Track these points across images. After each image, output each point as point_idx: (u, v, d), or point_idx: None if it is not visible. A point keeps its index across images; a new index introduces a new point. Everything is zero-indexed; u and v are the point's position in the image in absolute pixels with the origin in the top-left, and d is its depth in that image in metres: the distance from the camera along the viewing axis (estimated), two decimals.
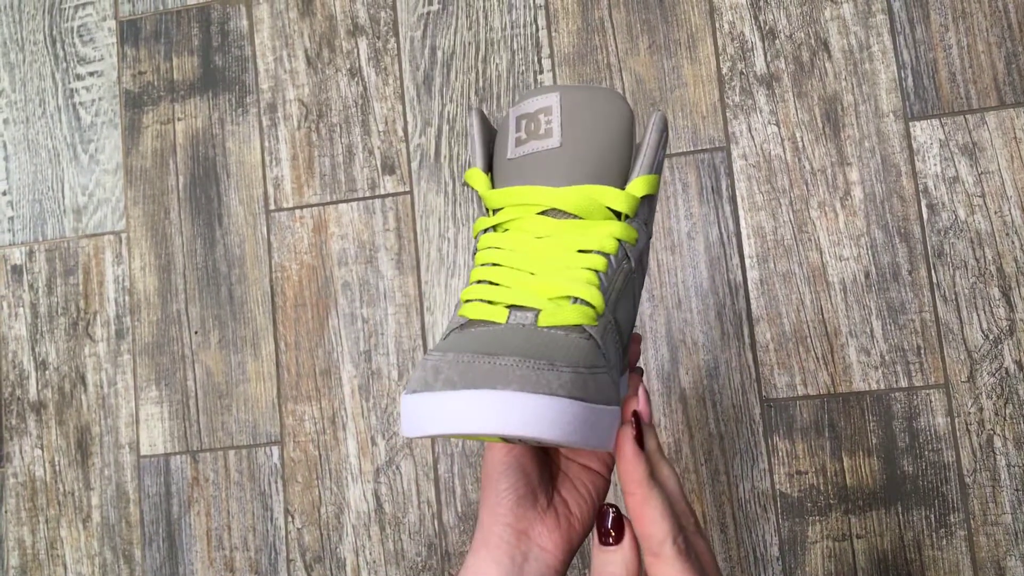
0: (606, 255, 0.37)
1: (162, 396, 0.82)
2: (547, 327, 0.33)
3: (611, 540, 0.33)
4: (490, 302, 0.35)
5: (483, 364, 0.29)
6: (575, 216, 0.38)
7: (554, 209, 0.38)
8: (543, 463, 0.43)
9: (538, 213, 0.38)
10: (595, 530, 0.33)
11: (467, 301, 0.35)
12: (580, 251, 0.37)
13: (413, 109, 0.81)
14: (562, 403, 0.29)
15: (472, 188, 0.41)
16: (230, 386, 0.81)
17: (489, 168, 0.40)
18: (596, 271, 0.36)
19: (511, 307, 0.35)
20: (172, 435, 0.81)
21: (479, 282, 0.36)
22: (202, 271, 0.83)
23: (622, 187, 0.38)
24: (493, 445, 0.40)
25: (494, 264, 0.37)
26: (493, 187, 0.39)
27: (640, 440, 0.34)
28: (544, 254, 0.37)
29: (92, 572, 0.81)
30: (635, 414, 0.35)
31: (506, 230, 0.38)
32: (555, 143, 0.38)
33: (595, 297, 0.35)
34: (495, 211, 0.39)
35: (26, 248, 0.86)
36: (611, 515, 0.33)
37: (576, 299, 0.35)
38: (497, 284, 0.36)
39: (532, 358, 0.29)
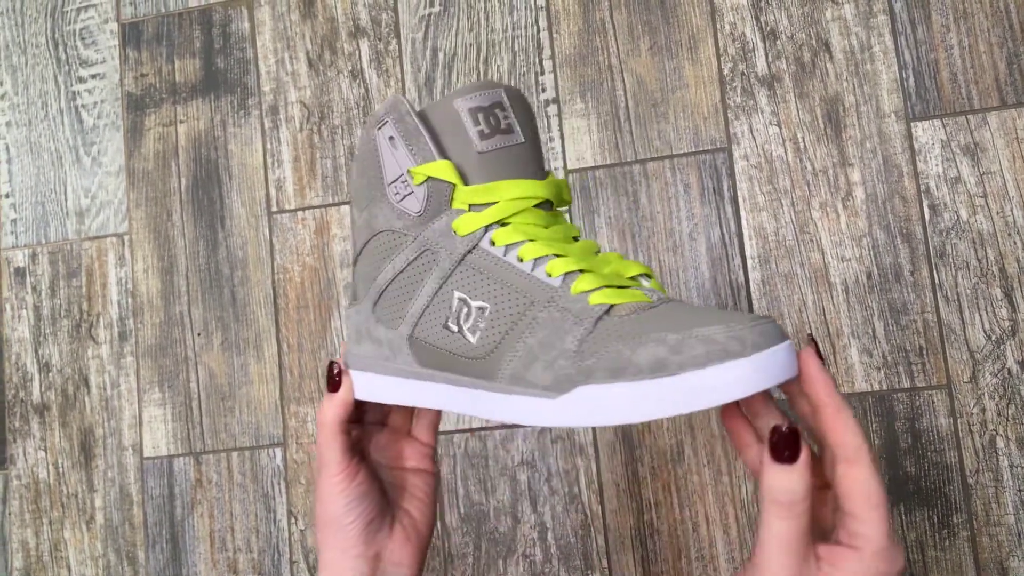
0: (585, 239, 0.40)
1: (165, 398, 0.82)
2: (674, 300, 0.37)
3: (788, 456, 0.31)
4: (612, 287, 0.36)
5: (760, 325, 0.32)
6: (553, 207, 0.40)
7: (546, 201, 0.39)
8: (381, 485, 0.44)
9: (534, 206, 0.39)
10: (767, 449, 0.32)
11: (593, 289, 0.36)
12: (574, 238, 0.39)
13: None
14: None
15: (439, 181, 0.38)
16: (233, 388, 0.81)
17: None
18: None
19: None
20: (175, 437, 0.81)
21: (570, 273, 0.36)
22: (204, 273, 0.83)
23: None
24: (331, 484, 0.41)
25: (557, 255, 0.37)
26: (466, 182, 0.38)
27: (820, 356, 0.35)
28: (564, 242, 0.38)
29: (96, 574, 0.81)
30: (811, 336, 0.35)
31: (507, 224, 0.38)
32: (519, 138, 0.39)
33: (652, 272, 0.39)
34: (479, 206, 0.38)
35: (29, 250, 0.87)
36: (787, 430, 0.31)
37: (646, 276, 0.38)
38: (587, 271, 0.37)
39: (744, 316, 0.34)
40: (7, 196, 0.88)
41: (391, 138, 0.39)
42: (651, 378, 0.32)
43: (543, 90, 0.79)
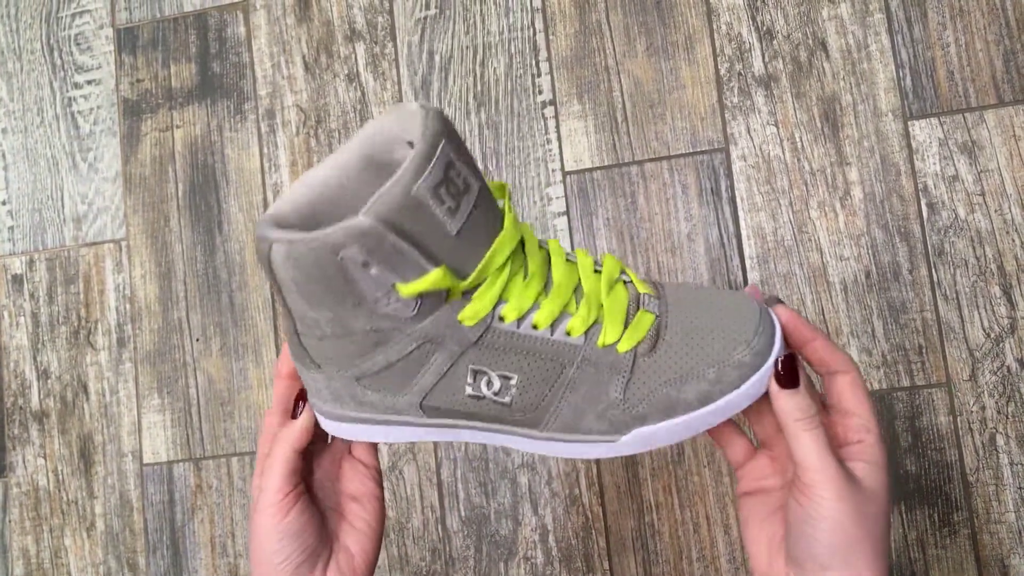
0: None
1: (164, 404, 0.82)
2: (662, 298, 0.42)
3: (792, 383, 0.37)
4: (627, 326, 0.39)
5: (763, 331, 0.38)
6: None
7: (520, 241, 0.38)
8: (320, 520, 0.41)
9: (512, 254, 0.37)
10: (772, 379, 0.37)
11: (617, 340, 0.38)
12: (548, 263, 0.40)
13: None
14: None
15: (433, 290, 0.34)
16: (232, 393, 0.81)
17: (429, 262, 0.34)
18: None
19: None
20: (175, 443, 0.81)
21: (590, 329, 0.38)
22: (202, 278, 0.83)
23: None
24: (265, 517, 0.39)
25: (568, 313, 0.37)
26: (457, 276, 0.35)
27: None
28: (562, 289, 0.40)
29: None
30: (776, 297, 0.41)
31: (506, 300, 0.36)
32: (476, 184, 0.35)
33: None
34: (473, 290, 0.35)
35: (26, 257, 0.86)
36: (786, 360, 0.37)
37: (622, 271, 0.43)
38: (602, 320, 0.38)
39: None
40: (3, 203, 0.88)
41: (364, 263, 0.32)
42: (699, 408, 0.37)
43: (540, 92, 0.79)
